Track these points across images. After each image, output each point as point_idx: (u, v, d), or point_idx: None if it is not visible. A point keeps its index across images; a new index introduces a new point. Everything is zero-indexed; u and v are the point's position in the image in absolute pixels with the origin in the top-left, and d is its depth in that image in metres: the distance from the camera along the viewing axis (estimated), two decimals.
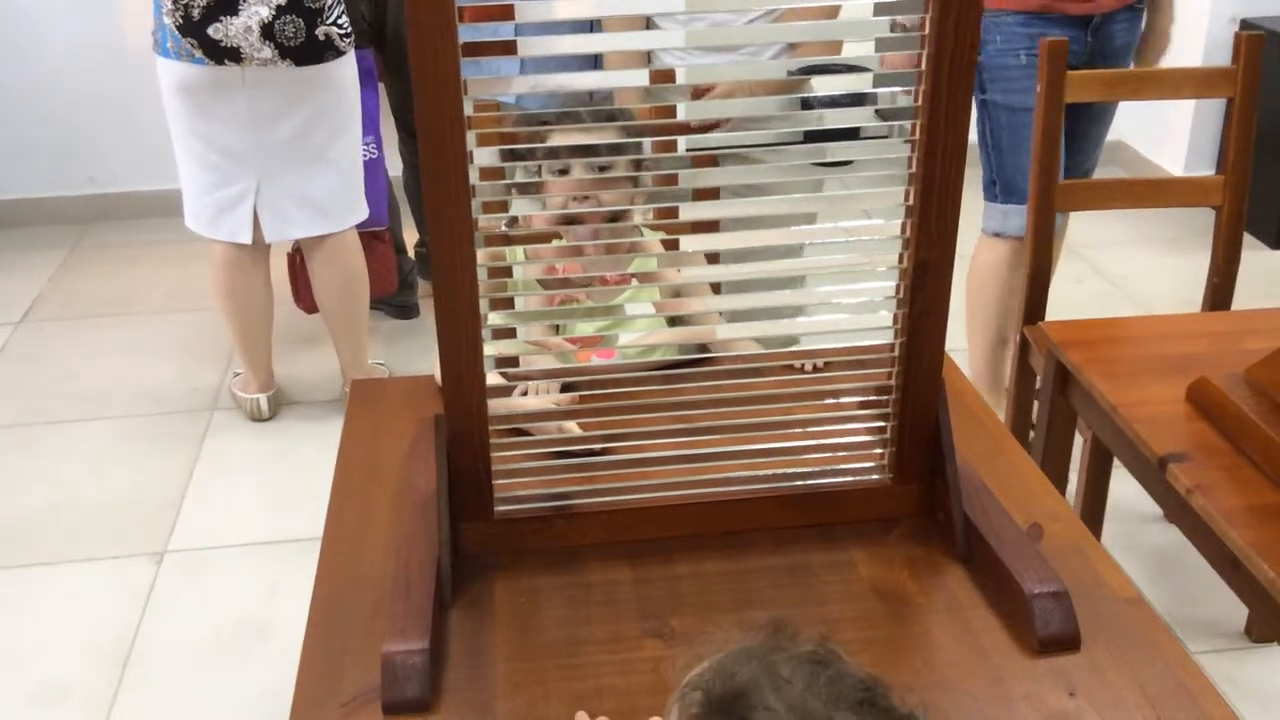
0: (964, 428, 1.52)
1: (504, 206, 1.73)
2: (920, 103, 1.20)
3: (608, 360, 1.72)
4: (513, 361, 1.35)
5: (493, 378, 1.29)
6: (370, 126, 3.09)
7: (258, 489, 2.78)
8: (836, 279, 1.32)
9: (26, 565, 2.52)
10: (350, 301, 2.93)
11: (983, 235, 2.73)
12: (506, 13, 1.15)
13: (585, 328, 1.78)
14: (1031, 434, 2.18)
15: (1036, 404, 2.10)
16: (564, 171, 1.79)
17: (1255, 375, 1.52)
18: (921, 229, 1.25)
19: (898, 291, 1.29)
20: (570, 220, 1.76)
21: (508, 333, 1.33)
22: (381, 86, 3.30)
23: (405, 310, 3.50)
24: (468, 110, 1.14)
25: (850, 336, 1.42)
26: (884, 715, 0.79)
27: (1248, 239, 2.34)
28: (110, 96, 3.90)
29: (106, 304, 3.62)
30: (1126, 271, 3.73)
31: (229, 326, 2.93)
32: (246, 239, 2.78)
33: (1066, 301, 3.04)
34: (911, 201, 1.24)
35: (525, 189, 1.79)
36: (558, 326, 1.78)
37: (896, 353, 1.32)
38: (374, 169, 3.12)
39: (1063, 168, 2.69)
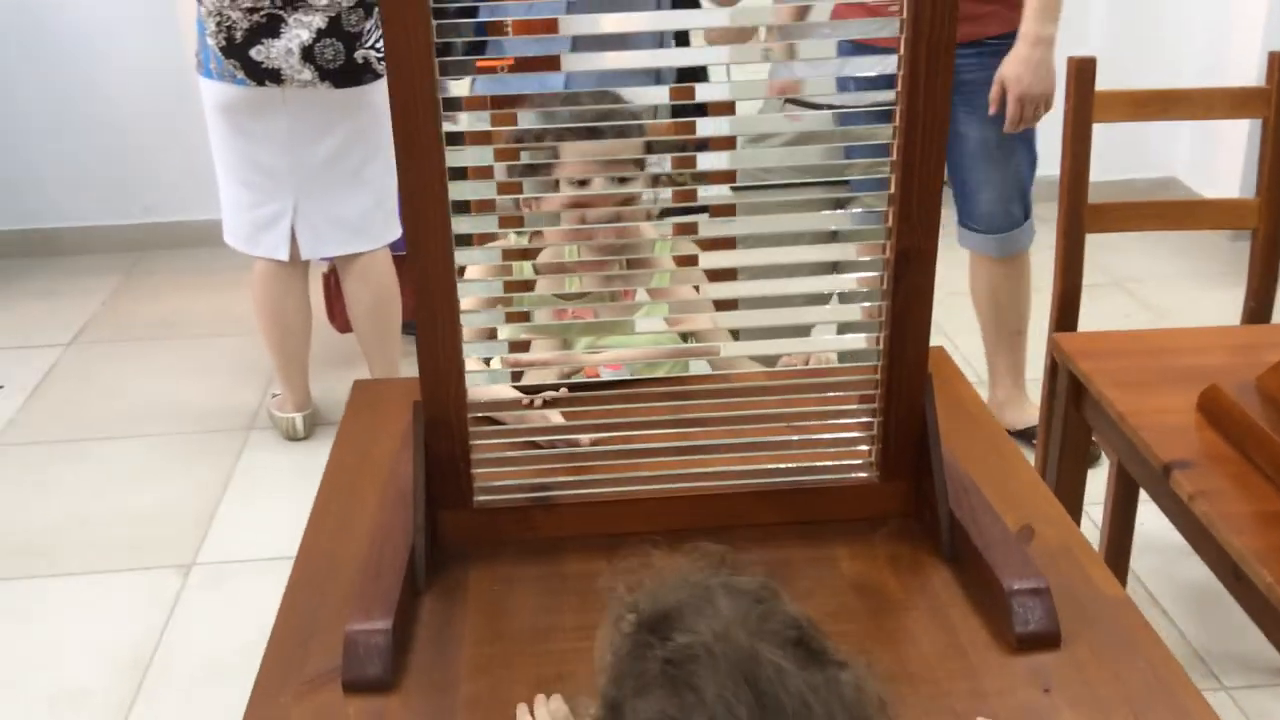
0: (961, 429, 1.49)
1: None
2: (900, 87, 1.19)
3: (614, 373, 1.71)
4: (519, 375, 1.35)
5: (472, 363, 1.29)
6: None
7: (288, 506, 2.77)
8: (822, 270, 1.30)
9: (57, 575, 2.56)
10: (383, 320, 2.96)
11: None
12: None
13: (590, 340, 1.78)
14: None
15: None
16: (582, 183, 1.78)
17: (1265, 383, 1.48)
18: (903, 217, 1.23)
19: (881, 283, 1.28)
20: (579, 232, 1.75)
21: (489, 332, 1.34)
22: None
23: None
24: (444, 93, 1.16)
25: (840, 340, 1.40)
26: (811, 656, 0.76)
27: None
28: (166, 127, 3.99)
29: (153, 327, 3.69)
30: (1173, 305, 3.65)
31: (267, 342, 2.98)
32: (284, 255, 2.83)
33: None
34: (893, 189, 1.23)
35: (530, 201, 1.79)
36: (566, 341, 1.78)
37: (880, 346, 1.29)
38: None
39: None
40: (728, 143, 1.28)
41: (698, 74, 2.85)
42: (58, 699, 2.21)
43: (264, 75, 2.63)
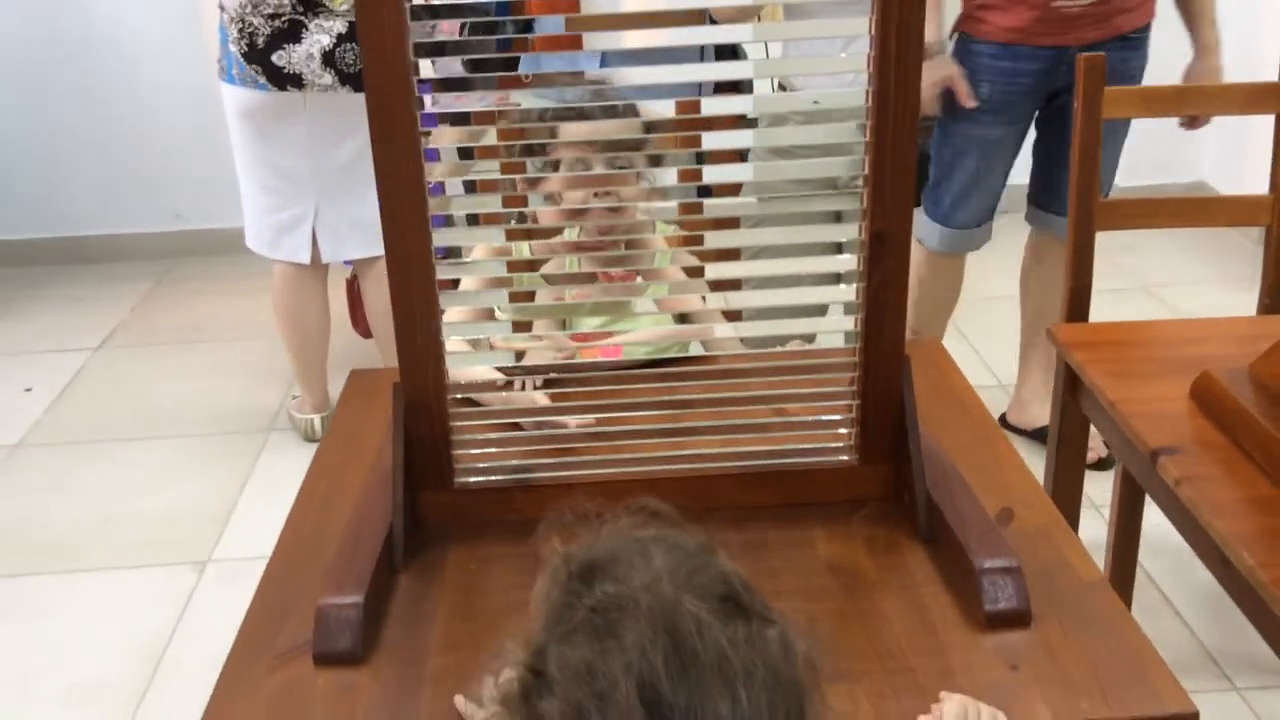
0: (951, 419, 1.49)
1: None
2: (870, 68, 1.20)
3: (613, 359, 1.72)
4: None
5: (453, 344, 1.30)
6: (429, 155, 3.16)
7: None
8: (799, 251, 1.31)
9: (75, 570, 2.60)
10: None
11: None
12: None
13: (589, 322, 1.79)
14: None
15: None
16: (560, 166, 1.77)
17: (1258, 370, 1.46)
18: (876, 199, 1.23)
19: (857, 265, 1.28)
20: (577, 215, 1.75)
21: (488, 314, 1.35)
22: None
23: None
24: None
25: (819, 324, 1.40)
26: (738, 611, 0.77)
27: None
28: (196, 136, 4.05)
29: (180, 332, 3.74)
30: (1198, 309, 3.60)
31: (286, 345, 3.02)
32: (305, 259, 2.87)
33: None
34: (866, 171, 1.23)
35: (534, 183, 1.80)
36: (563, 321, 1.79)
37: (857, 328, 1.29)
38: None
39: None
40: (733, 122, 1.29)
41: (735, 52, 2.87)
42: (72, 691, 2.24)
43: (285, 80, 2.67)
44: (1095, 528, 2.31)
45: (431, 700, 1.09)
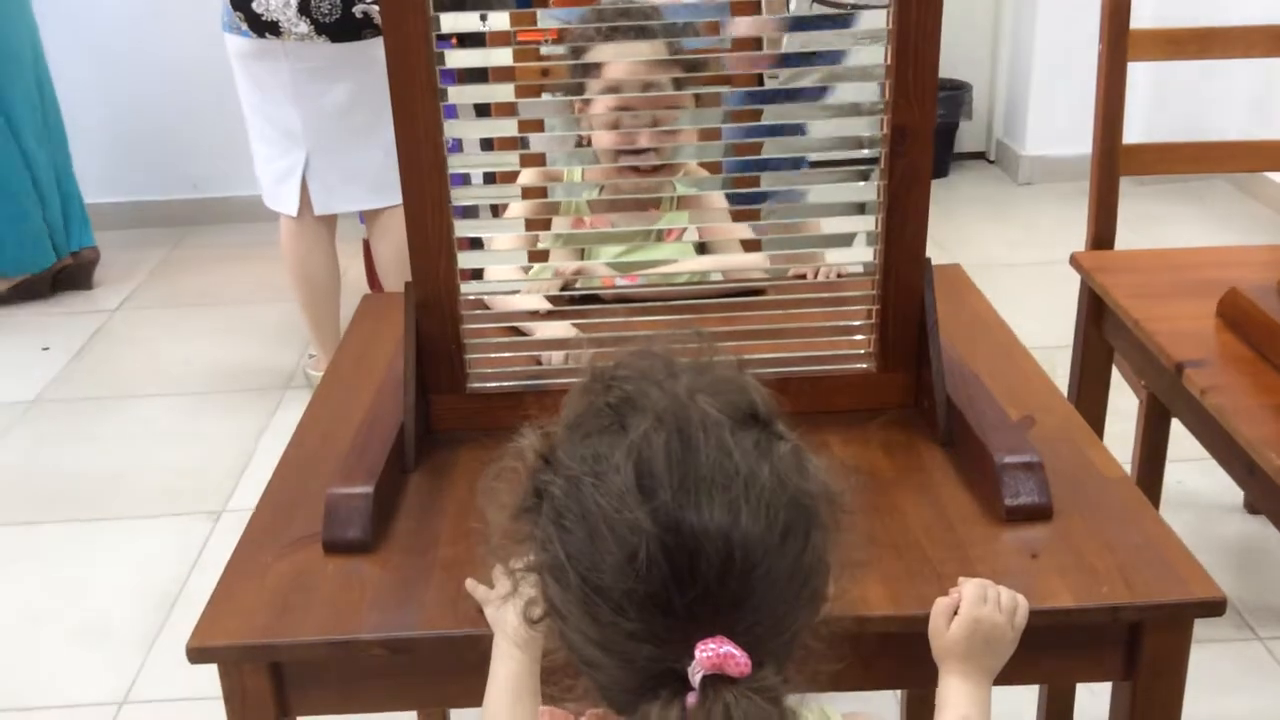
0: (971, 333, 1.47)
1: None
2: None
3: (632, 284, 1.70)
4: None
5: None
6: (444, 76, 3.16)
7: None
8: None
9: (92, 519, 2.60)
10: (404, 274, 2.97)
11: None
12: None
13: (611, 251, 1.77)
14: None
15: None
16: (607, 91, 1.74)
17: None
18: (899, 91, 1.21)
19: (880, 162, 1.25)
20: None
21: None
22: None
23: None
24: None
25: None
26: (754, 424, 0.75)
27: None
28: (213, 105, 4.05)
29: (197, 295, 3.75)
30: None
31: (297, 298, 3.01)
32: (292, 210, 2.86)
33: None
34: (888, 62, 1.21)
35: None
36: (582, 251, 1.77)
37: (877, 229, 1.27)
38: None
39: None
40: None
41: None
42: (85, 632, 2.24)
43: (264, 27, 2.67)
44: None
45: (440, 587, 1.07)
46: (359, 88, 2.76)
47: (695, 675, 0.69)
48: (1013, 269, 3.52)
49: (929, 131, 1.23)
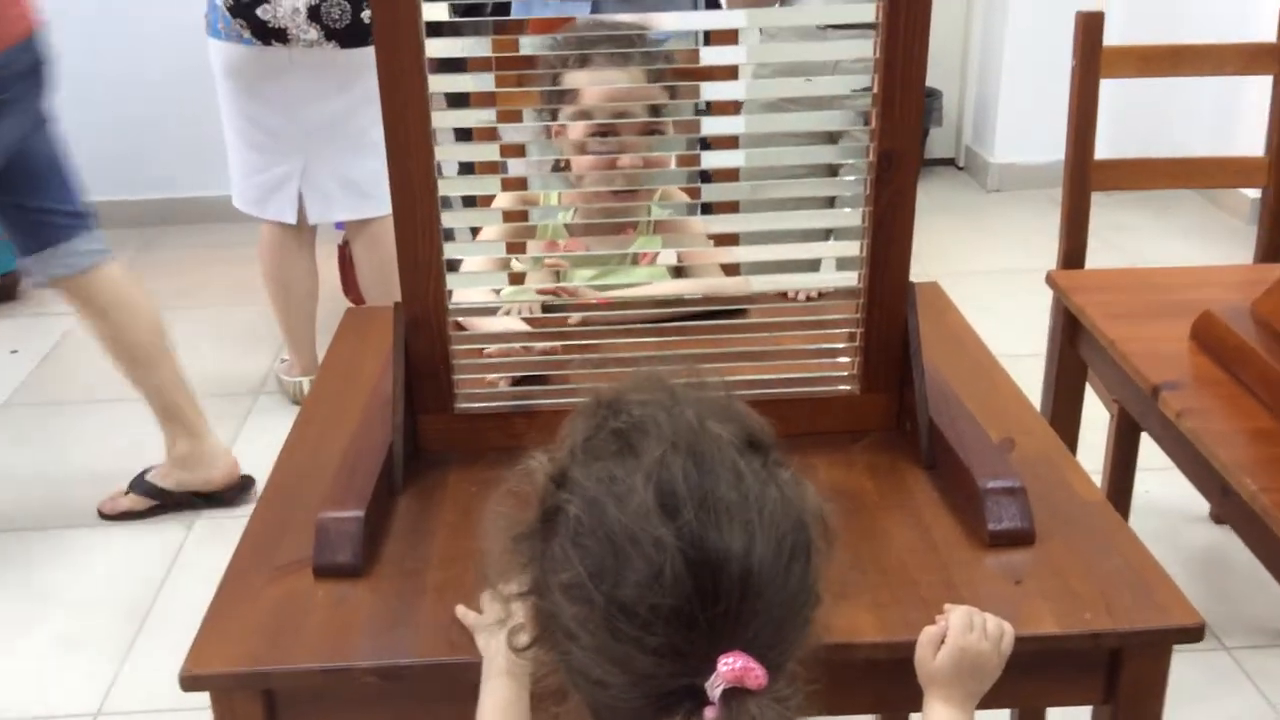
0: (950, 353, 1.49)
1: None
2: None
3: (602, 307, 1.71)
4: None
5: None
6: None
7: None
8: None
9: (63, 527, 2.58)
10: (391, 285, 2.94)
11: None
12: None
13: (585, 274, 1.77)
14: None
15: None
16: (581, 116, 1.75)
17: (1260, 307, 1.46)
18: (885, 118, 1.22)
19: (865, 188, 1.27)
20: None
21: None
22: None
23: None
24: None
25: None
26: (756, 450, 0.78)
27: None
28: (181, 104, 4.03)
29: (167, 298, 3.69)
30: None
31: (274, 307, 2.99)
32: (291, 219, 2.84)
33: None
34: (875, 89, 1.22)
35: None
36: (557, 274, 1.77)
37: (862, 253, 1.29)
38: None
39: None
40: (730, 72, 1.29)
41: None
42: (59, 642, 2.22)
43: (270, 35, 2.65)
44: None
45: (431, 611, 1.08)
46: (361, 93, 2.75)
47: (715, 689, 0.72)
48: (982, 275, 3.56)
49: (915, 158, 1.24)
